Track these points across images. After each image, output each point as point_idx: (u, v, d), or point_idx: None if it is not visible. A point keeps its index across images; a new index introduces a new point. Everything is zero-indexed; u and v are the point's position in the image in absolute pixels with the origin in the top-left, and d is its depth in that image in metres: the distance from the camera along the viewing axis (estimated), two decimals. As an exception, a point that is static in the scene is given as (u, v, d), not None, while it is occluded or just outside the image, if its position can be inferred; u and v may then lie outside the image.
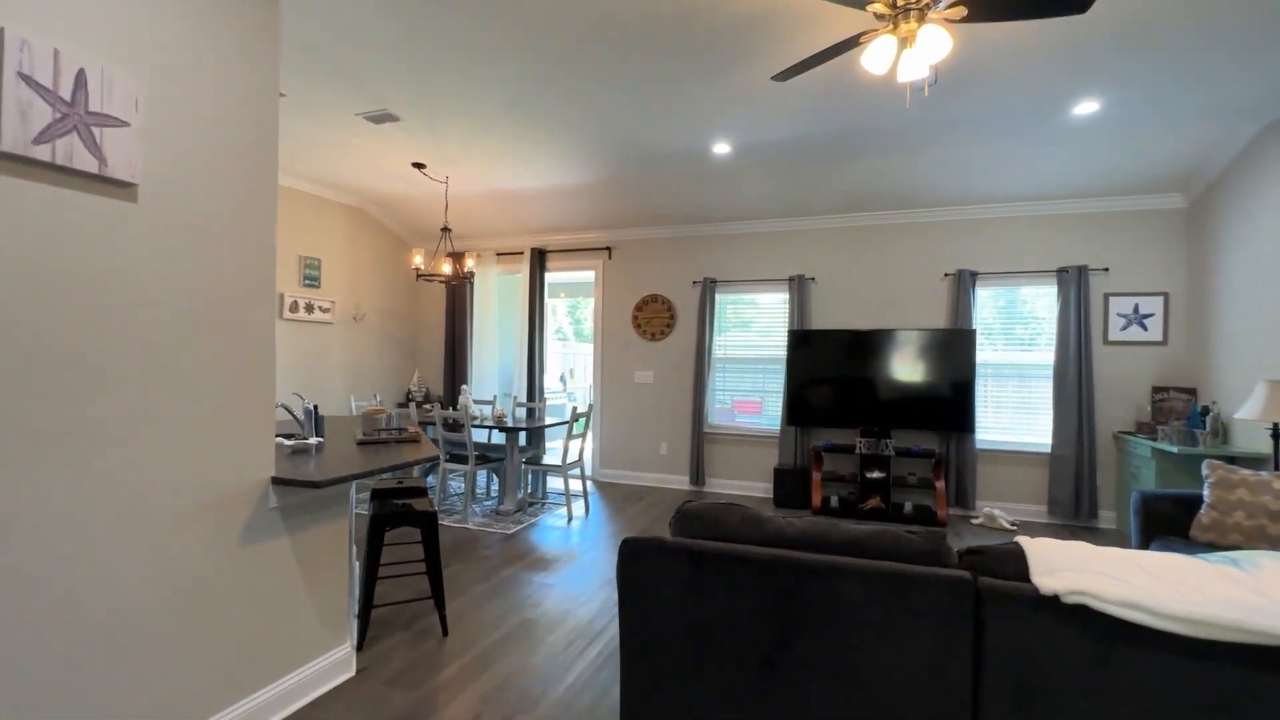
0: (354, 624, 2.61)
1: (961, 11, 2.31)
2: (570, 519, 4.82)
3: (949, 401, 4.94)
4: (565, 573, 3.65)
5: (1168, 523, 3.07)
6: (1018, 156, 4.39)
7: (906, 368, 5.05)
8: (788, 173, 4.88)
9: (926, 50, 2.30)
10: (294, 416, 3.04)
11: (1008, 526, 4.68)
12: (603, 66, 3.41)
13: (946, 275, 5.25)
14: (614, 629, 2.90)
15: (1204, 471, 3.08)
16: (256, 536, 2.03)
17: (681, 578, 1.69)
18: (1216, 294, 4.30)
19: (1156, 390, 4.65)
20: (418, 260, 5.12)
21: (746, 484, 5.84)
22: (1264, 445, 3.73)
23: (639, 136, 4.32)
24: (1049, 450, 4.93)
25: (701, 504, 1.83)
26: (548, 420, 5.22)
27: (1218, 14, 2.81)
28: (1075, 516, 4.79)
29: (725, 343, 6.00)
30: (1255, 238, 3.85)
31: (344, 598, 2.41)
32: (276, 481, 2.05)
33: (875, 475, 5.02)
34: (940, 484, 4.84)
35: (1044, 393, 5.04)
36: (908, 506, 4.95)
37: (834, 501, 5.13)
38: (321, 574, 2.30)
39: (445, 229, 5.29)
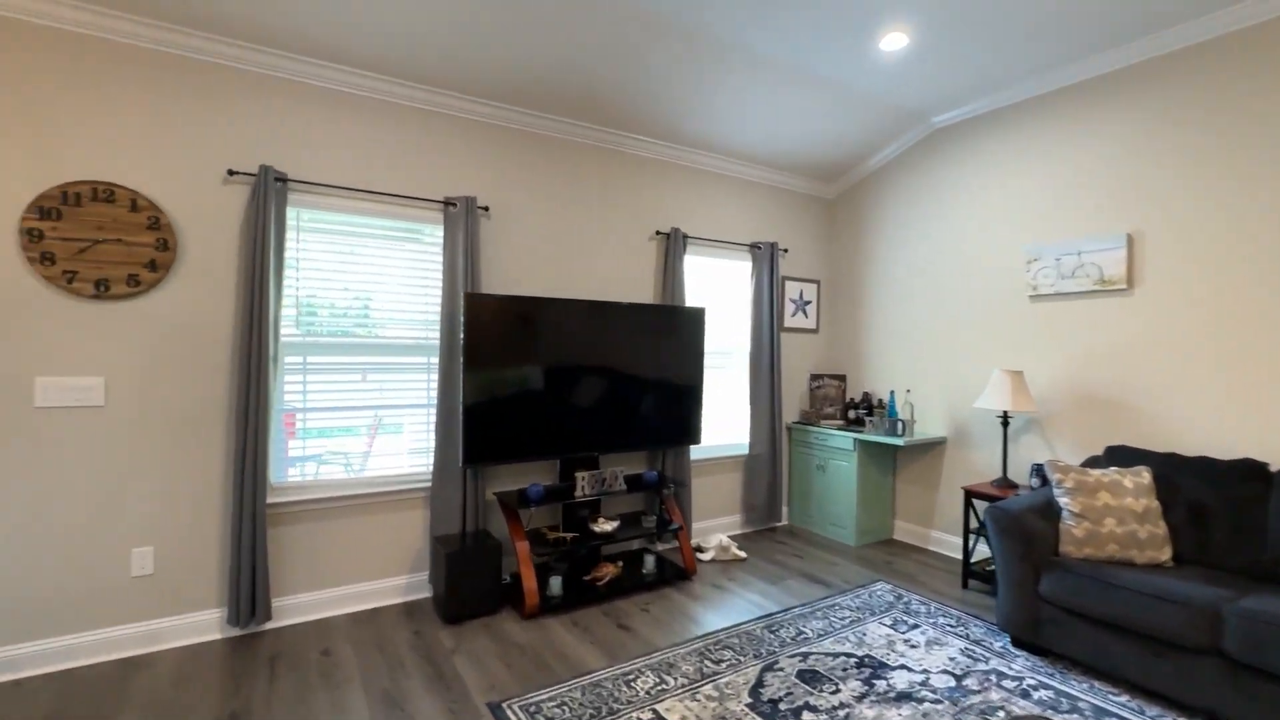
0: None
1: None
2: None
3: (676, 405, 3.64)
4: None
5: (1039, 541, 2.63)
6: (759, 99, 3.42)
7: (627, 359, 3.46)
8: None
9: None
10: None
11: (739, 554, 3.77)
12: None
13: (658, 234, 3.91)
14: None
15: (1050, 475, 2.77)
16: None
17: None
18: (865, 284, 4.50)
19: (814, 378, 4.64)
20: None
21: (369, 587, 3.01)
22: (940, 430, 3.98)
23: None
24: (746, 451, 4.30)
25: None
26: None
27: None
28: (767, 520, 4.33)
29: (310, 308, 2.92)
30: (906, 235, 4.08)
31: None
32: None
33: (606, 527, 3.25)
34: (679, 520, 3.50)
35: (738, 385, 4.38)
36: (649, 563, 3.39)
37: (554, 587, 3.05)
38: None
39: None
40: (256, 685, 2.30)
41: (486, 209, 3.29)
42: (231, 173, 2.64)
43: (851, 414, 4.37)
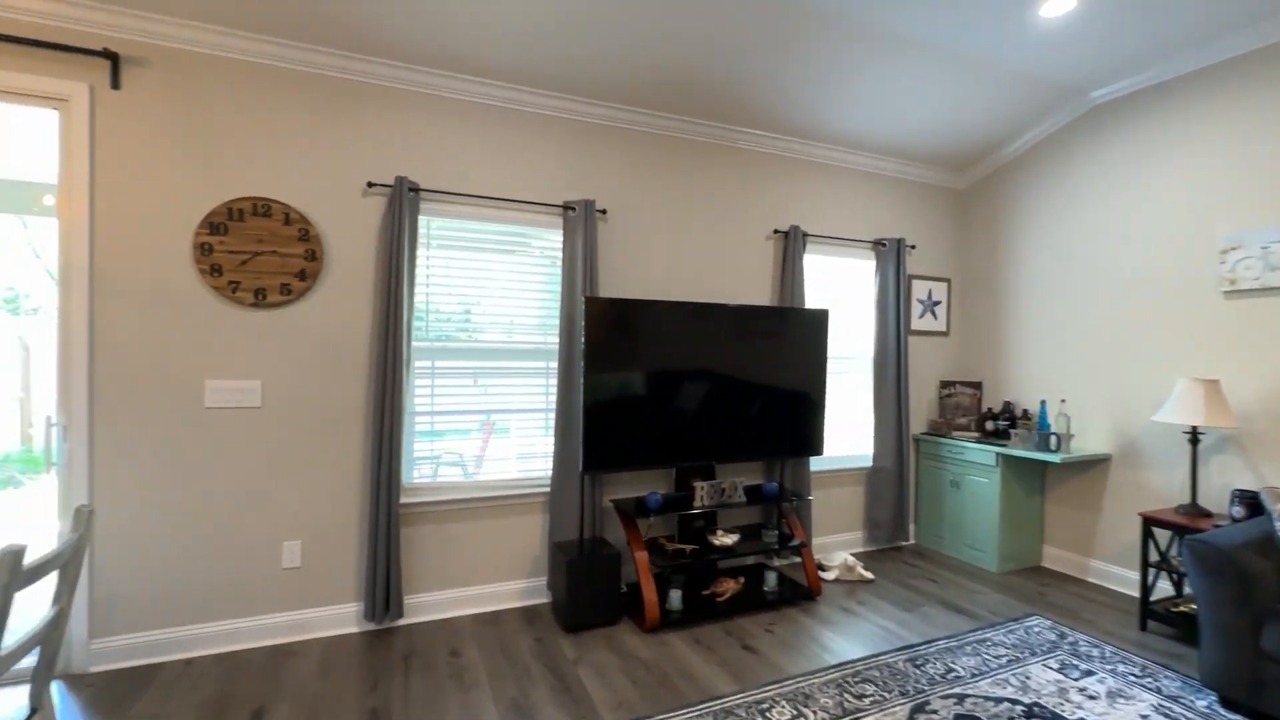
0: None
1: None
2: None
3: (797, 413, 3.44)
4: None
5: (1260, 584, 2.20)
6: (892, 83, 3.14)
7: (746, 364, 3.30)
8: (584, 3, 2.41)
9: None
10: None
11: (866, 575, 3.50)
12: None
13: (776, 232, 3.73)
14: None
15: (1270, 504, 2.33)
16: None
17: None
18: (1004, 282, 4.07)
19: (944, 385, 4.25)
20: None
21: (490, 589, 3.05)
22: (1102, 446, 3.50)
23: None
24: (869, 463, 4.01)
25: None
26: None
27: None
28: (892, 538, 4.01)
29: (435, 315, 3.00)
30: (1055, 226, 3.62)
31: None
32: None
33: (727, 540, 3.11)
34: (801, 536, 3.29)
35: (861, 392, 4.09)
36: (770, 580, 3.22)
37: (674, 601, 2.95)
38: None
39: None
40: (393, 683, 2.36)
41: (604, 212, 3.26)
42: (370, 185, 2.76)
43: (990, 425, 3.96)
